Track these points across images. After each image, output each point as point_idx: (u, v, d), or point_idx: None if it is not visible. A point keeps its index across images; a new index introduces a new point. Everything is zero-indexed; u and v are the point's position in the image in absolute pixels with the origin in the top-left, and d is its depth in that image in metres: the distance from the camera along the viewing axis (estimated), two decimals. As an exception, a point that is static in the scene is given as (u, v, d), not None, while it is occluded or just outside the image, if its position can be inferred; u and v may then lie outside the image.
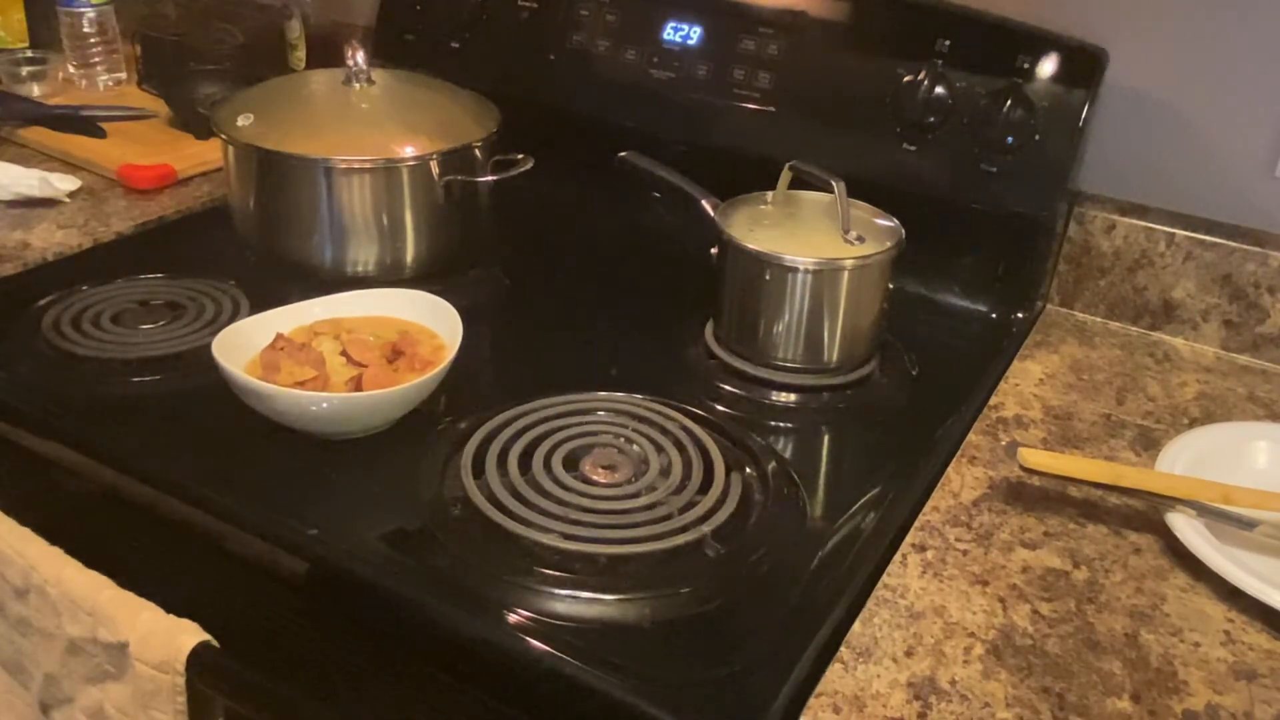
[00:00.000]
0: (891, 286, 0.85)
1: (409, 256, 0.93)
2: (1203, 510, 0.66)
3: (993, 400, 0.83)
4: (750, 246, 0.81)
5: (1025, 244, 0.94)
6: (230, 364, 0.70)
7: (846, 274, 0.81)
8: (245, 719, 0.69)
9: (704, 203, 0.88)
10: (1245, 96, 0.90)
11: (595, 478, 0.69)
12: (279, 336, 0.75)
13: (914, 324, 0.91)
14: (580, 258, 1.04)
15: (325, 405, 0.70)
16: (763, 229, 0.84)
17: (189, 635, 0.66)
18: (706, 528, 0.64)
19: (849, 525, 0.68)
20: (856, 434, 0.80)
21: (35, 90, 1.28)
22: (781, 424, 0.79)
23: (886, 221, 0.85)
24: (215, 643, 0.66)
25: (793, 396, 0.82)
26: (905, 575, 0.64)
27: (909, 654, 0.58)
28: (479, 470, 0.68)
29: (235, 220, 0.96)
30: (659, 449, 0.72)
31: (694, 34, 1.02)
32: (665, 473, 0.69)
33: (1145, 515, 0.69)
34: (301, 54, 1.27)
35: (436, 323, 0.79)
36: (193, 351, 0.79)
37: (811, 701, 0.54)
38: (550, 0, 1.08)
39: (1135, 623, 0.61)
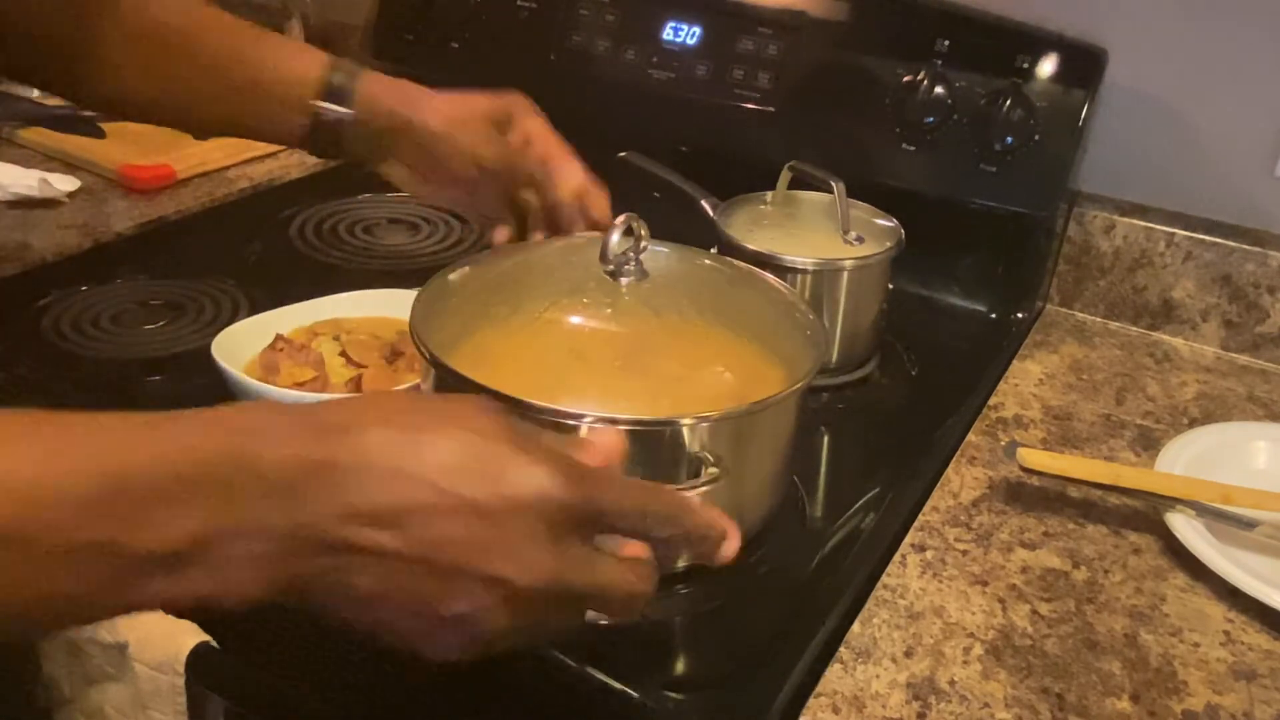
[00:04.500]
0: (891, 286, 0.85)
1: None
2: (1202, 510, 0.66)
3: (992, 400, 0.83)
4: (750, 246, 0.81)
5: (1025, 244, 0.94)
6: (230, 364, 0.70)
7: (846, 274, 0.81)
8: (245, 719, 0.69)
9: (704, 203, 0.88)
10: (1245, 96, 0.90)
11: (595, 478, 0.69)
12: (278, 337, 0.75)
13: (914, 324, 0.91)
14: (580, 258, 1.04)
15: (325, 405, 0.70)
16: (762, 229, 0.84)
17: (188, 635, 0.66)
18: (706, 528, 0.64)
19: (849, 525, 0.68)
20: (856, 434, 0.80)
21: (35, 90, 1.27)
22: (781, 424, 0.79)
23: (886, 221, 0.85)
24: (215, 643, 0.66)
25: (792, 396, 0.82)
26: (905, 575, 0.64)
27: (908, 654, 0.58)
28: (479, 470, 0.68)
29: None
30: (659, 449, 0.71)
31: (694, 34, 1.02)
32: (665, 473, 0.69)
33: (1145, 515, 0.69)
34: (301, 54, 1.27)
35: (436, 323, 0.79)
36: (193, 351, 0.79)
37: (811, 702, 0.54)
38: (550, 0, 1.08)
39: (1135, 623, 0.61)
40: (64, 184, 1.04)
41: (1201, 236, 0.92)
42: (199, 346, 0.77)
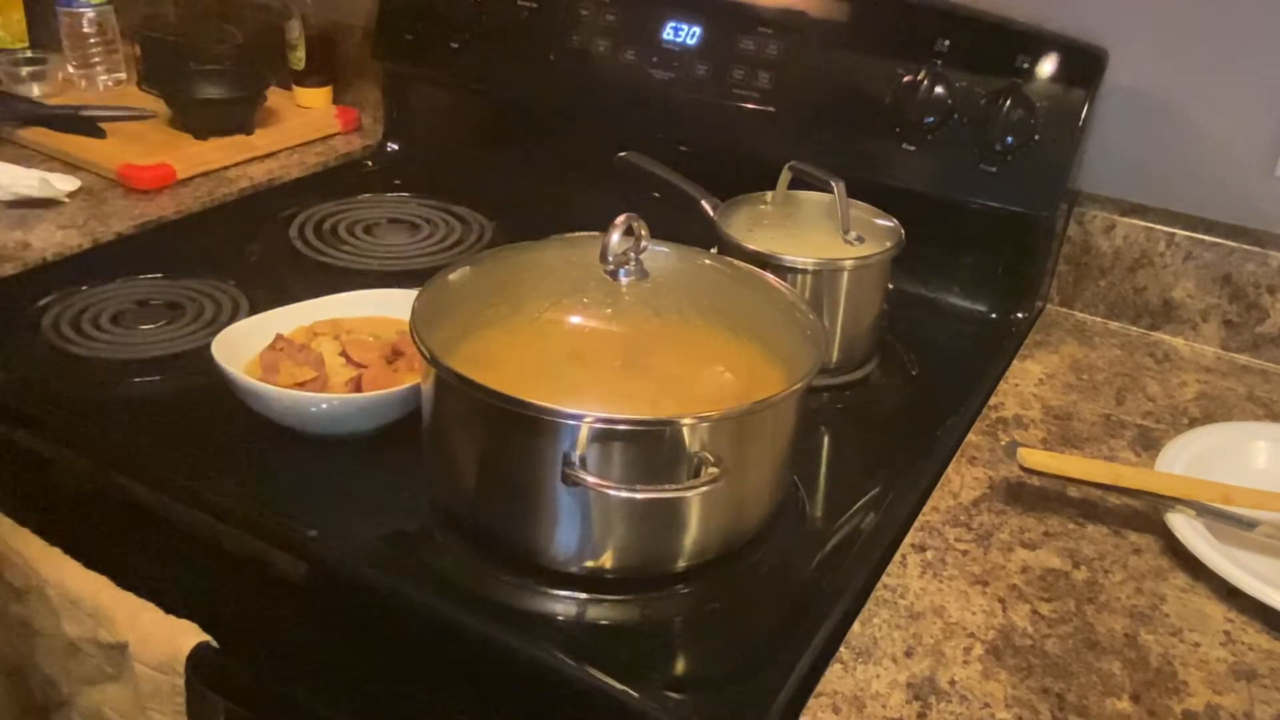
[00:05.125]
0: (891, 286, 0.84)
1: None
2: (1202, 510, 0.66)
3: (992, 400, 0.83)
4: (750, 247, 0.81)
5: (1025, 244, 0.94)
6: (230, 364, 0.70)
7: (846, 274, 0.81)
8: (245, 719, 0.69)
9: (704, 203, 0.88)
10: (1245, 97, 0.90)
11: (595, 478, 0.69)
12: (278, 337, 0.75)
13: (914, 324, 0.91)
14: (580, 258, 1.04)
15: (325, 405, 0.70)
16: (762, 229, 0.84)
17: (189, 635, 0.66)
18: (706, 528, 0.64)
19: (849, 525, 0.68)
20: (856, 434, 0.80)
21: (35, 90, 1.28)
22: (781, 424, 0.79)
23: (886, 221, 0.85)
24: (215, 643, 0.66)
25: (792, 396, 0.82)
26: (905, 575, 0.64)
27: (908, 654, 0.58)
28: (479, 470, 0.68)
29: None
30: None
31: (694, 34, 1.02)
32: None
33: (1145, 515, 0.69)
34: (301, 54, 1.27)
35: (436, 323, 0.79)
36: (193, 351, 0.79)
37: (811, 702, 0.54)
38: (550, 0, 1.08)
39: (1135, 623, 0.61)
40: (64, 184, 1.04)
41: (1201, 236, 0.92)
42: (199, 346, 0.77)
